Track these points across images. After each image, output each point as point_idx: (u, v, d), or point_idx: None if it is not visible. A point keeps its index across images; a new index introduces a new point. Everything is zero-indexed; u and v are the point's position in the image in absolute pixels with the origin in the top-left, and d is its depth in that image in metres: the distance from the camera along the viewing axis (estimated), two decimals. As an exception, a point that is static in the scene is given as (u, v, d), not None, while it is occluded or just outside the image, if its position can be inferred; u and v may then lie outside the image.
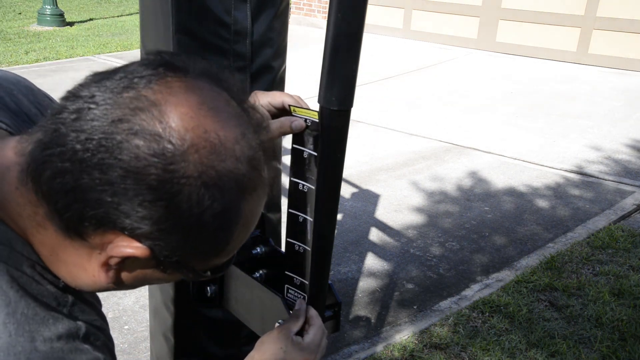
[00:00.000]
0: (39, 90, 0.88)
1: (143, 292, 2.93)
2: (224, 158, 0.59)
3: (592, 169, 4.69)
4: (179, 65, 0.62)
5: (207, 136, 0.58)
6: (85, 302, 0.70)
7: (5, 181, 0.63)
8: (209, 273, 0.70)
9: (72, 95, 0.60)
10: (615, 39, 7.74)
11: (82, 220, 0.59)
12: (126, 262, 0.63)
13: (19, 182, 0.62)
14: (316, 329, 0.99)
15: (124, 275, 0.66)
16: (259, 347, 0.95)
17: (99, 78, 0.61)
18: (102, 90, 0.59)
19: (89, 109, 0.57)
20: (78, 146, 0.56)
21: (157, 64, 0.61)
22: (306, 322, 1.01)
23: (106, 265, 0.63)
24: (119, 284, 0.68)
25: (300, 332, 0.99)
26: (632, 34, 7.64)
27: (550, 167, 4.72)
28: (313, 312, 1.02)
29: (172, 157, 0.57)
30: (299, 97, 0.98)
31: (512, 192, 4.26)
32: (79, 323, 0.65)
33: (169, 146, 0.57)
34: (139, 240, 0.60)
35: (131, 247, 0.60)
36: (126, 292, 2.95)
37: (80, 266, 0.65)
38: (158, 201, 0.57)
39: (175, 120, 0.57)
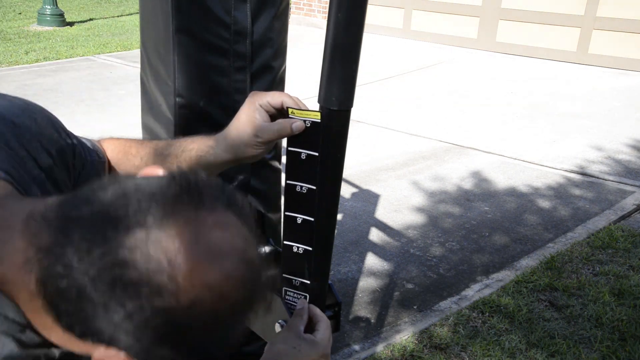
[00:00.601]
0: (44, 122, 0.87)
1: (143, 292, 2.92)
2: (225, 307, 0.59)
3: (592, 168, 4.69)
4: (193, 202, 0.59)
5: (212, 291, 0.58)
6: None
7: (10, 254, 0.62)
8: None
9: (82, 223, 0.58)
10: (615, 39, 7.74)
11: (80, 335, 0.60)
12: None
13: (24, 268, 0.60)
14: (325, 325, 1.00)
15: None
16: (270, 350, 0.95)
17: (109, 199, 0.59)
18: (111, 221, 0.57)
19: (96, 244, 0.56)
20: (86, 280, 0.56)
21: (168, 198, 0.59)
22: (313, 319, 1.01)
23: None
24: None
25: (308, 330, 0.99)
26: (632, 34, 7.63)
27: (550, 167, 4.72)
28: (317, 310, 1.02)
29: (175, 310, 0.57)
30: (298, 99, 0.98)
31: (512, 192, 4.26)
32: None
33: (173, 301, 0.56)
34: (126, 351, 0.60)
35: (112, 355, 0.61)
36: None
37: (72, 345, 0.65)
38: (157, 344, 0.58)
39: (182, 274, 0.56)
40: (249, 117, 0.97)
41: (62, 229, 0.58)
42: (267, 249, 1.34)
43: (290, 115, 0.95)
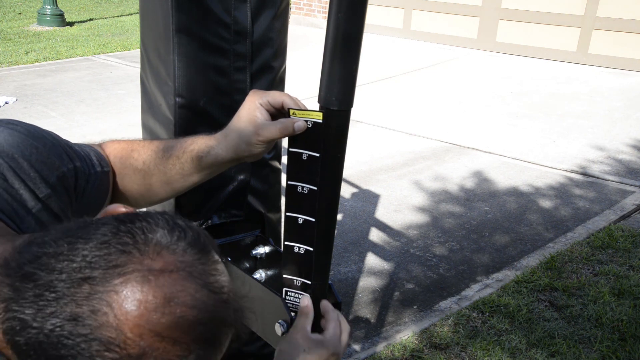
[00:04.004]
0: (46, 147, 0.88)
1: (143, 292, 2.93)
2: (181, 349, 0.58)
3: (592, 169, 4.69)
4: (139, 250, 0.59)
5: (163, 339, 0.57)
6: None
7: None
8: None
9: (35, 271, 0.59)
10: (615, 39, 7.74)
11: None
12: None
13: None
14: (334, 322, 0.98)
15: None
16: (279, 355, 0.95)
17: (59, 251, 0.59)
18: (61, 277, 0.57)
19: (48, 301, 0.57)
20: (42, 337, 0.57)
21: (114, 249, 0.59)
22: (325, 316, 0.99)
23: None
24: None
25: (317, 330, 0.98)
26: (632, 34, 7.64)
27: (550, 167, 4.72)
28: (328, 306, 1.01)
29: None
30: (297, 99, 0.98)
31: (512, 192, 4.26)
32: None
33: (124, 354, 0.56)
34: None
35: None
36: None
37: None
38: None
39: (129, 326, 0.56)
40: (249, 116, 0.97)
41: (18, 285, 0.59)
42: (267, 249, 1.35)
43: (291, 116, 0.95)
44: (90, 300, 0.57)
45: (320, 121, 0.93)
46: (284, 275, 1.05)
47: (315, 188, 0.96)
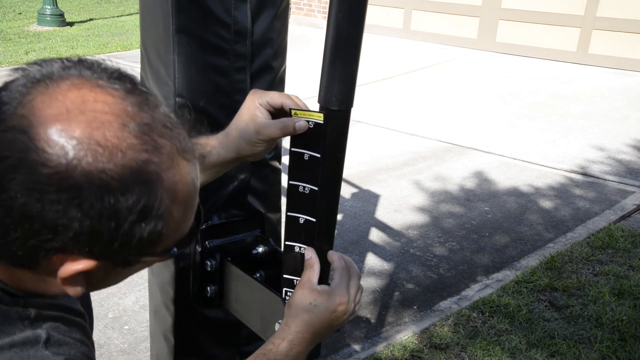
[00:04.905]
0: None
1: (143, 292, 2.93)
2: (109, 158, 0.58)
3: (593, 169, 4.69)
4: (40, 78, 0.61)
5: (83, 144, 0.58)
6: (55, 313, 0.70)
7: None
8: (175, 250, 0.70)
9: None
10: (615, 39, 7.74)
11: (18, 257, 0.60)
12: (85, 275, 0.64)
13: None
14: (340, 271, 0.97)
15: (93, 283, 0.67)
16: (288, 313, 0.93)
17: None
18: None
19: None
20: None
21: (17, 85, 0.60)
22: (329, 268, 0.98)
23: (68, 283, 0.64)
24: (93, 288, 0.69)
25: (324, 281, 0.97)
26: (632, 34, 7.63)
27: (550, 167, 4.72)
28: (333, 255, 0.99)
29: (58, 178, 0.57)
30: (297, 97, 0.98)
31: (512, 192, 4.26)
32: (39, 331, 0.65)
33: (49, 170, 0.56)
34: (82, 256, 0.61)
35: (77, 265, 0.61)
36: (126, 292, 2.95)
37: (48, 284, 0.66)
38: (71, 224, 0.58)
39: (46, 140, 0.57)
40: (250, 115, 0.97)
41: None
42: (267, 249, 1.34)
43: (293, 116, 0.95)
44: (3, 134, 0.57)
45: (322, 122, 0.93)
46: (284, 275, 1.05)
47: (317, 188, 0.96)
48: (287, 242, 1.03)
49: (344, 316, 0.95)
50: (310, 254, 0.98)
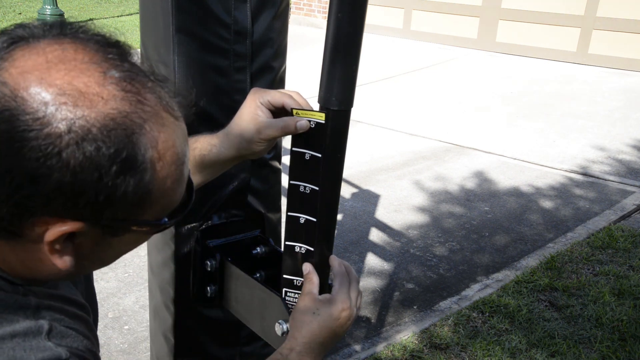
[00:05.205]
0: None
1: (143, 292, 2.93)
2: (90, 105, 0.58)
3: (593, 169, 4.69)
4: (21, 35, 0.61)
5: (63, 91, 0.57)
6: (56, 304, 0.69)
7: None
8: (165, 220, 0.68)
9: None
10: (615, 39, 7.74)
11: (3, 222, 0.60)
12: (74, 242, 0.63)
13: None
14: (340, 277, 0.98)
15: (82, 254, 0.65)
16: (293, 324, 0.95)
17: None
18: None
19: None
20: None
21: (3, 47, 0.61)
22: (328, 275, 0.99)
23: (56, 252, 0.63)
24: (84, 264, 0.67)
25: (324, 288, 0.98)
26: (632, 34, 7.63)
27: (550, 167, 4.72)
28: (334, 260, 1.01)
29: (38, 126, 0.56)
30: (298, 93, 0.98)
31: (512, 192, 4.26)
32: (42, 322, 0.64)
33: (29, 118, 0.56)
34: (67, 217, 0.60)
35: (62, 226, 0.60)
36: (126, 292, 2.95)
37: (37, 260, 0.65)
38: (52, 174, 0.57)
39: (26, 89, 0.57)
40: (251, 114, 0.97)
41: None
42: (267, 249, 1.34)
43: (294, 116, 0.95)
44: None
45: (323, 121, 0.93)
46: (284, 276, 1.05)
47: (317, 188, 0.96)
48: (287, 242, 1.02)
49: (348, 322, 0.96)
50: (308, 267, 0.99)
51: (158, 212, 0.67)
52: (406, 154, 4.95)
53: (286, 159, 1.04)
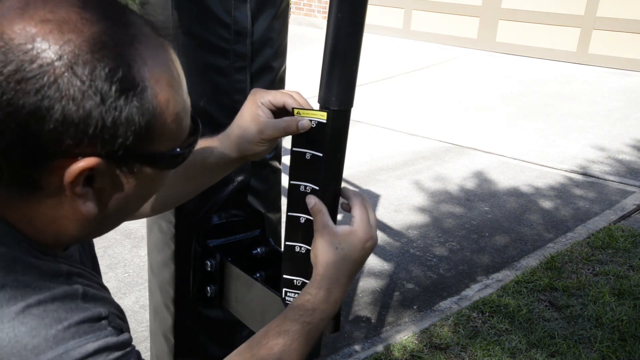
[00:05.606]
0: None
1: (143, 292, 2.93)
2: (75, 30, 0.59)
3: (593, 169, 4.69)
4: None
5: (46, 22, 0.58)
6: (82, 273, 0.70)
7: None
8: (178, 150, 0.69)
9: None
10: (615, 39, 7.74)
11: (18, 169, 0.60)
12: (94, 186, 0.64)
13: None
14: (359, 206, 0.93)
15: (103, 197, 0.66)
16: (316, 262, 0.90)
17: None
18: None
19: None
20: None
21: None
22: (337, 208, 0.95)
23: (78, 196, 0.63)
24: (108, 215, 0.68)
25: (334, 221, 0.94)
26: (632, 34, 7.63)
27: (550, 167, 4.72)
28: (348, 190, 0.95)
29: (28, 59, 0.57)
30: (298, 93, 0.98)
31: (512, 192, 4.26)
32: (76, 286, 0.66)
33: (18, 53, 0.57)
34: (80, 154, 0.61)
35: (78, 163, 0.61)
36: (126, 292, 2.95)
37: (61, 217, 0.66)
38: (54, 106, 0.58)
39: (10, 26, 0.58)
40: (252, 115, 0.97)
41: None
42: (267, 249, 1.35)
43: (295, 115, 0.95)
44: None
45: (324, 121, 0.93)
46: (284, 276, 1.05)
47: (318, 188, 0.96)
48: (287, 242, 1.02)
49: (372, 250, 0.93)
50: (313, 200, 0.93)
51: (168, 142, 0.67)
52: (406, 154, 4.95)
53: (286, 159, 1.04)
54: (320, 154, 0.95)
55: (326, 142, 0.94)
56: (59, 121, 0.58)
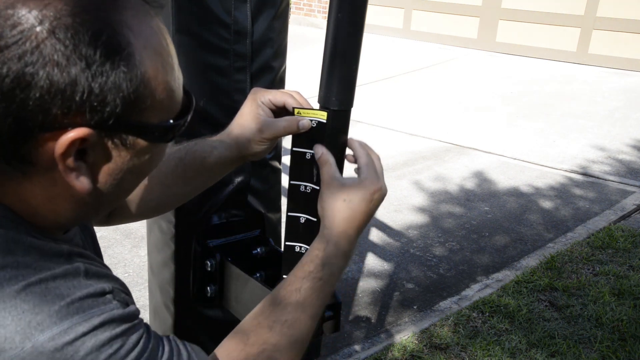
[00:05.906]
0: None
1: (143, 292, 2.93)
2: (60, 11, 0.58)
3: (593, 169, 4.69)
4: None
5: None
6: (83, 253, 0.70)
7: None
8: (171, 121, 0.68)
9: None
10: (615, 39, 7.74)
11: (7, 143, 0.60)
12: (86, 161, 0.63)
13: None
14: (365, 157, 0.92)
15: (96, 172, 0.65)
16: (324, 215, 0.88)
17: None
18: None
19: None
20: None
21: None
22: (355, 154, 0.93)
23: (70, 170, 0.62)
24: (102, 193, 0.67)
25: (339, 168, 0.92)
26: (632, 34, 7.64)
27: (550, 167, 4.72)
28: (355, 143, 0.94)
29: (9, 26, 0.57)
30: (299, 93, 0.97)
31: (512, 192, 4.26)
32: (77, 264, 0.65)
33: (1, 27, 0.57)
34: (69, 125, 0.60)
35: (68, 134, 0.60)
36: (126, 292, 2.95)
37: (56, 196, 0.65)
38: (38, 72, 0.57)
39: None
40: (252, 114, 0.96)
41: None
42: (267, 249, 1.35)
43: (296, 115, 0.95)
44: None
45: (325, 120, 0.93)
46: (284, 276, 1.05)
47: (318, 188, 0.96)
48: (287, 242, 1.02)
49: (381, 201, 0.91)
50: (320, 150, 0.91)
51: (160, 113, 0.66)
52: (406, 154, 4.95)
53: (286, 159, 1.04)
54: None
55: (326, 142, 0.94)
56: (44, 88, 0.57)
